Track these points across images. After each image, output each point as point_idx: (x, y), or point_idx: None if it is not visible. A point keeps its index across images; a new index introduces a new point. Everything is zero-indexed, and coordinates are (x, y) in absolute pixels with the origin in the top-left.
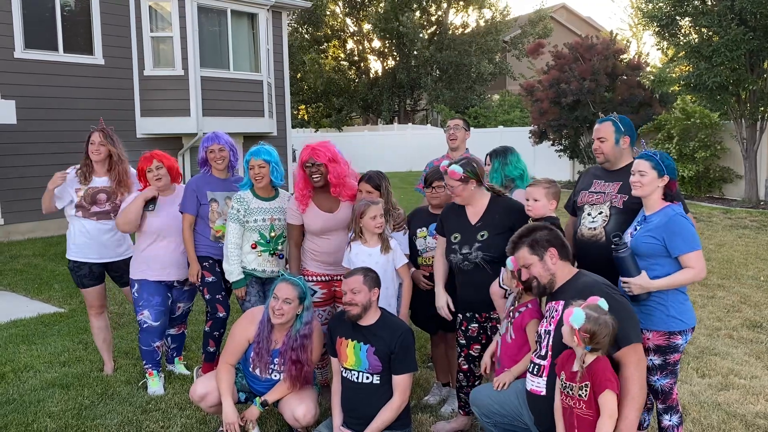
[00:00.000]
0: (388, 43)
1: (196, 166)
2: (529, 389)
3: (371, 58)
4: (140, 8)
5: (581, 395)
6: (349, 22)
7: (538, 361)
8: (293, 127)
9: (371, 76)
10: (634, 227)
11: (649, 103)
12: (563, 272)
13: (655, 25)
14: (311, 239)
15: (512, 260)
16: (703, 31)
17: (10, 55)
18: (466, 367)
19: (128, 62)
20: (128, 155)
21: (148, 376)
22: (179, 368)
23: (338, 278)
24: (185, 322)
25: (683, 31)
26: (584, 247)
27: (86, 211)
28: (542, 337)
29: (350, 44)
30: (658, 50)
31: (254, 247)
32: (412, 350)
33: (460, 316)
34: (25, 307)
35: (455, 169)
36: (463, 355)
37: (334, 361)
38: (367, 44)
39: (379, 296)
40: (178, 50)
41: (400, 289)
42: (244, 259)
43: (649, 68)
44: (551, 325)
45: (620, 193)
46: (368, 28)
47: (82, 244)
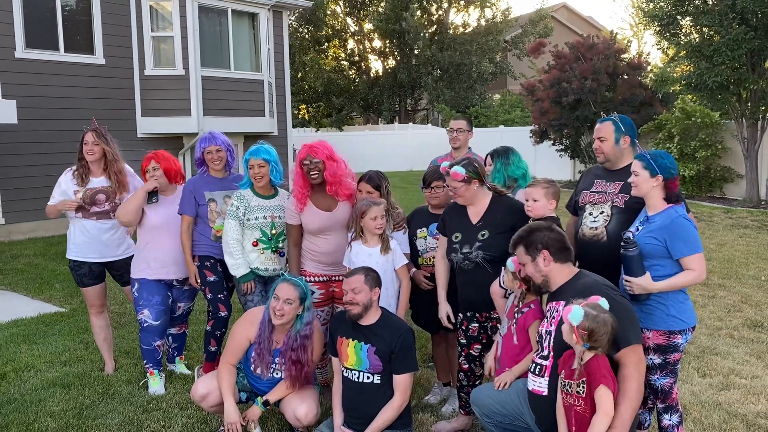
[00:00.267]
0: (388, 42)
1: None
2: (530, 389)
3: (372, 57)
4: (141, 8)
5: (579, 392)
6: (349, 21)
7: (539, 361)
8: (294, 126)
9: (372, 75)
10: (636, 227)
11: (650, 102)
12: (561, 273)
13: (655, 24)
14: (309, 239)
15: (513, 261)
16: (704, 30)
17: (11, 54)
18: (466, 366)
19: (129, 62)
20: (129, 155)
21: (149, 375)
22: (180, 368)
23: (336, 279)
24: (186, 321)
25: (684, 30)
26: (585, 246)
27: (86, 212)
28: (543, 337)
29: (351, 44)
30: (658, 50)
31: (256, 244)
32: (412, 350)
33: (460, 315)
34: (26, 306)
35: (458, 170)
36: (463, 354)
37: (335, 360)
38: (367, 44)
39: (379, 296)
40: (178, 50)
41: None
42: (246, 258)
43: (650, 68)
44: (552, 325)
45: (621, 192)
46: (369, 27)
47: (81, 243)
